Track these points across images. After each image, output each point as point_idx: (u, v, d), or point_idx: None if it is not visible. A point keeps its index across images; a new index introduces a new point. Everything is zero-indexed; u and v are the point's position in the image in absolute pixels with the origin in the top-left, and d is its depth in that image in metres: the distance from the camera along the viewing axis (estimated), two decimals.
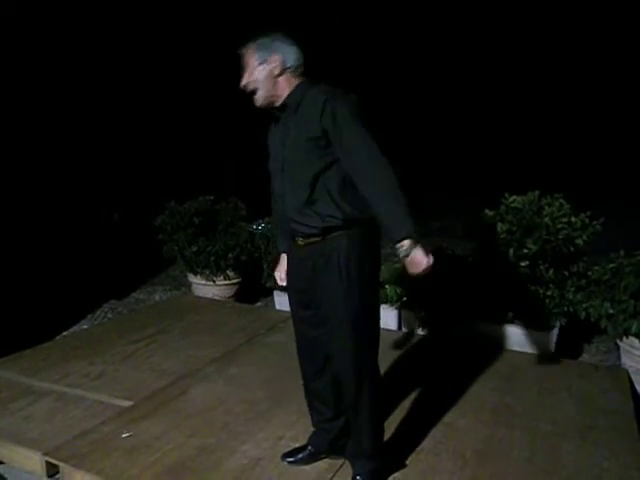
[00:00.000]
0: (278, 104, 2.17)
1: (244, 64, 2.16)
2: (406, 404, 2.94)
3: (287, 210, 2.18)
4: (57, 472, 2.48)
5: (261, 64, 2.12)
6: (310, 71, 2.20)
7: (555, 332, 3.75)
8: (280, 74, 2.12)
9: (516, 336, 3.77)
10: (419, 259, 1.97)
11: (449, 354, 3.72)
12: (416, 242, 1.97)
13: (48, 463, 2.49)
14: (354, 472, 2.30)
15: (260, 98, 2.15)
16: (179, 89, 8.47)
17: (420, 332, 4.02)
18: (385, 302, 4.02)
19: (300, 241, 2.19)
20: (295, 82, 2.15)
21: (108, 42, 7.27)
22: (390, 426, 2.65)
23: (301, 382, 2.45)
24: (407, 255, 1.97)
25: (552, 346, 3.74)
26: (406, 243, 1.97)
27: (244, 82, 2.16)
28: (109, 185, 7.14)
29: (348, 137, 2.02)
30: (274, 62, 2.11)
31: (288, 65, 2.13)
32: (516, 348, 3.75)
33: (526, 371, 3.44)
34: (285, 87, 2.14)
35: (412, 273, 2.02)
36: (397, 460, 2.44)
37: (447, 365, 3.55)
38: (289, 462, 2.44)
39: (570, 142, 11.17)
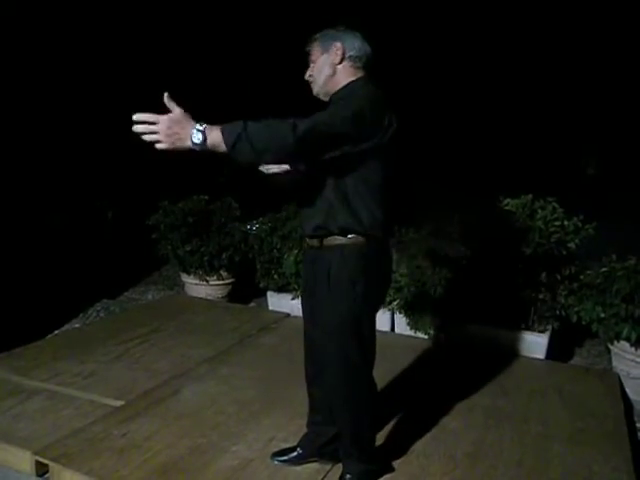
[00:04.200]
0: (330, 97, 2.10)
1: (310, 57, 2.11)
2: (397, 406, 2.94)
3: (301, 206, 2.17)
4: (47, 471, 2.47)
5: (323, 53, 2.07)
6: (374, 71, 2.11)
7: (547, 335, 3.77)
8: (340, 62, 2.06)
9: (508, 339, 3.78)
10: (178, 127, 1.76)
11: (441, 356, 3.73)
12: (205, 135, 1.74)
13: (38, 462, 2.47)
14: (343, 472, 2.30)
15: (316, 86, 2.10)
16: (175, 88, 8.46)
17: (412, 334, 4.03)
18: None
19: (308, 241, 2.18)
20: (352, 76, 2.07)
21: (106, 42, 7.25)
22: (381, 428, 2.65)
23: (293, 383, 2.45)
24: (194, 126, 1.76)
25: (544, 349, 3.75)
26: (210, 129, 1.76)
27: (307, 75, 2.12)
28: (103, 183, 7.11)
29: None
30: (335, 49, 2.05)
31: (349, 53, 2.06)
32: (508, 351, 3.77)
33: (517, 374, 3.45)
34: (341, 79, 2.07)
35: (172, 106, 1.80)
36: (388, 462, 2.44)
37: (439, 367, 3.55)
38: (279, 461, 2.44)
39: (563, 146, 11.22)
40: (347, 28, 2.11)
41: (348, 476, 2.26)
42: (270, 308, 4.71)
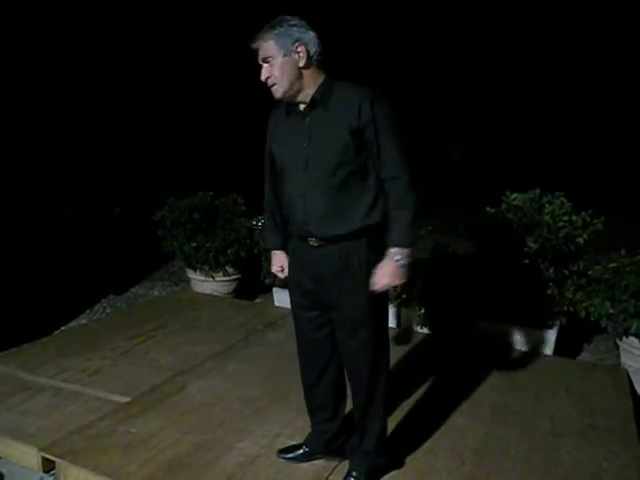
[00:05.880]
0: (299, 99, 2.03)
1: (262, 56, 1.99)
2: (404, 402, 2.93)
3: (306, 210, 2.04)
4: (53, 468, 2.47)
5: (285, 55, 1.96)
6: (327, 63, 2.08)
7: (555, 331, 3.74)
8: (305, 66, 1.98)
9: (515, 335, 3.76)
10: (397, 274, 2.04)
11: (448, 352, 3.71)
12: (408, 256, 2.04)
13: (44, 459, 2.48)
14: (350, 468, 2.29)
15: (282, 90, 1.99)
16: (178, 84, 8.45)
17: (419, 330, 4.01)
18: None
19: (314, 242, 2.08)
20: (320, 75, 2.03)
21: (107, 40, 7.26)
22: (388, 424, 2.64)
23: (299, 379, 2.43)
24: (399, 263, 2.02)
25: (551, 345, 3.72)
26: (404, 252, 2.03)
27: (265, 76, 2.00)
28: (109, 180, 7.12)
29: (385, 145, 1.98)
30: (299, 52, 1.96)
31: (312, 54, 1.98)
32: (515, 347, 3.75)
33: (525, 370, 3.43)
34: (311, 80, 2.01)
35: (381, 281, 2.04)
36: (395, 458, 2.43)
37: (446, 363, 3.53)
38: (284, 458, 2.43)
39: (572, 140, 11.15)
40: (297, 19, 2.00)
41: (355, 473, 2.26)
42: (276, 304, 4.70)
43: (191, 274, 5.05)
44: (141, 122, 7.84)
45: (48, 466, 2.49)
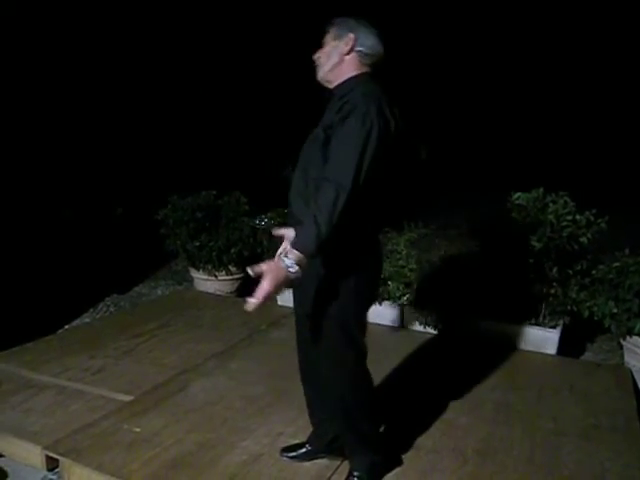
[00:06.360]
0: (332, 86, 2.09)
1: (323, 41, 2.14)
2: (406, 401, 2.93)
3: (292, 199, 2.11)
4: (57, 466, 2.48)
5: (336, 39, 2.08)
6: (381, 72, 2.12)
7: (558, 330, 3.73)
8: (348, 53, 2.06)
9: (518, 334, 3.75)
10: (275, 277, 1.85)
11: (450, 351, 3.71)
12: (297, 264, 1.80)
13: (48, 457, 2.48)
14: (351, 468, 2.28)
15: (322, 71, 2.11)
16: (181, 83, 8.46)
17: (422, 329, 4.01)
18: (387, 298, 4.01)
19: None
20: (356, 69, 2.06)
21: (109, 39, 7.27)
22: (390, 424, 2.64)
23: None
24: (284, 263, 1.82)
25: (555, 345, 3.71)
26: (294, 254, 1.79)
27: (316, 55, 2.13)
28: (112, 179, 7.14)
29: (336, 146, 1.87)
30: (347, 40, 2.06)
31: (359, 48, 2.06)
32: (518, 346, 3.74)
33: (528, 369, 3.43)
34: (347, 70, 2.07)
35: (256, 270, 1.88)
36: (397, 458, 2.43)
37: (448, 362, 3.53)
38: (287, 457, 2.43)
39: (575, 141, 11.12)
40: (368, 24, 2.11)
41: (357, 472, 2.25)
42: (279, 303, 4.70)
43: (194, 273, 5.06)
44: (143, 121, 7.86)
45: (52, 464, 2.49)
